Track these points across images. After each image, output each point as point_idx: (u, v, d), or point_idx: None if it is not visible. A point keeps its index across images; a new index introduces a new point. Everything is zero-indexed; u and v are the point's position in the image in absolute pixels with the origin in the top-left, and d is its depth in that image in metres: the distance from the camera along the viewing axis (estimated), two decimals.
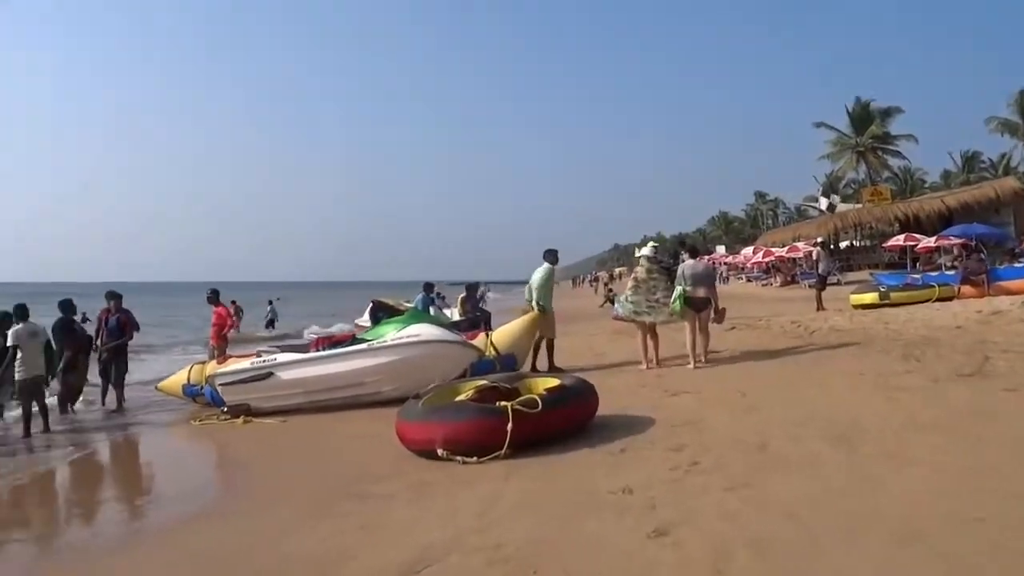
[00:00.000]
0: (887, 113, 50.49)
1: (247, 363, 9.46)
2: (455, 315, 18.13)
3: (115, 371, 11.34)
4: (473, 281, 20.47)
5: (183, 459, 8.20)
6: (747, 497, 4.31)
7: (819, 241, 28.14)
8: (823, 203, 44.32)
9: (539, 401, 6.03)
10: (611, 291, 32.38)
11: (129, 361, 11.91)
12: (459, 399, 6.48)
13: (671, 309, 9.88)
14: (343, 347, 9.33)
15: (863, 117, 50.43)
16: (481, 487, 5.08)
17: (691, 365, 9.76)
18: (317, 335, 11.57)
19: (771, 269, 41.85)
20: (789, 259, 39.72)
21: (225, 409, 9.36)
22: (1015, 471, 4.40)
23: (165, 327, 30.54)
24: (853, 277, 30.90)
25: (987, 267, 17.83)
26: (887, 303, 16.54)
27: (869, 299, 17.15)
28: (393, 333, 9.33)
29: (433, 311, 16.62)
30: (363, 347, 9.16)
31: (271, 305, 31.00)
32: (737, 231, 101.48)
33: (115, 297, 11.68)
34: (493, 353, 10.28)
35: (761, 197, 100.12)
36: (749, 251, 51.43)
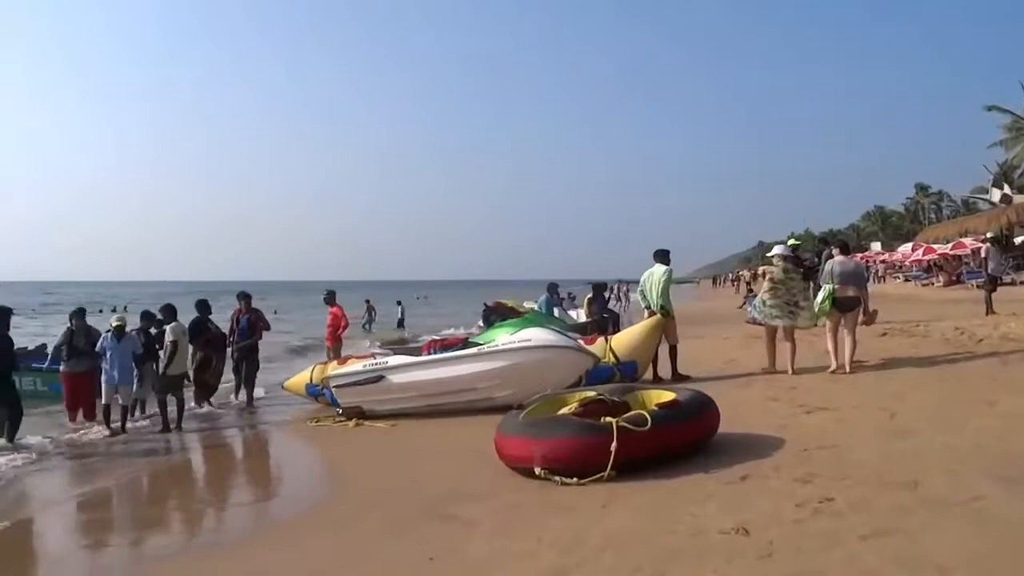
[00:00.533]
0: None
1: (360, 365, 9.39)
2: (581, 316, 17.64)
3: (245, 370, 11.68)
4: (600, 280, 19.85)
5: (281, 464, 8.28)
6: (890, 551, 3.54)
7: (989, 236, 25.28)
8: (995, 195, 40.15)
9: (648, 418, 5.42)
10: (751, 291, 30.75)
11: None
12: (562, 412, 5.97)
13: (820, 310, 9.13)
14: (454, 351, 9.06)
15: None
16: (575, 516, 4.56)
17: (832, 368, 8.98)
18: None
19: (933, 267, 38.42)
20: (953, 257, 36.34)
21: (340, 411, 9.34)
22: None
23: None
24: None
25: None
26: None
27: None
28: (505, 337, 8.97)
29: (558, 312, 16.22)
30: (473, 351, 8.86)
31: (400, 305, 32.48)
32: (895, 227, 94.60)
33: (246, 297, 12.04)
34: (612, 360, 9.73)
35: (923, 190, 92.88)
36: (908, 248, 47.54)
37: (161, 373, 9.79)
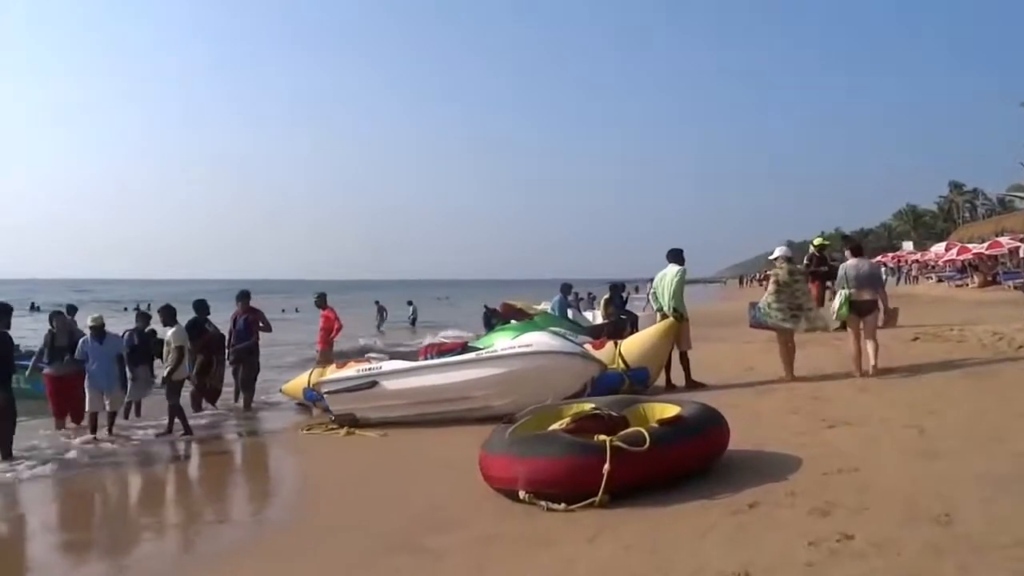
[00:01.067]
0: None
1: (353, 371, 8.90)
2: (598, 318, 17.03)
3: (243, 373, 11.27)
4: (618, 280, 19.23)
5: (254, 480, 7.78)
6: None
7: None
8: None
9: (647, 436, 4.87)
10: None
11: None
12: (553, 428, 5.41)
13: (838, 315, 8.76)
14: (448, 357, 8.54)
15: None
16: (557, 549, 4.03)
17: (858, 375, 8.56)
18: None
19: (967, 268, 37.15)
20: (989, 256, 35.07)
21: (333, 418, 8.89)
22: None
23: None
24: None
25: None
26: None
27: None
28: (505, 342, 8.44)
29: (572, 314, 15.64)
30: (470, 357, 8.33)
31: (412, 305, 32.18)
32: (928, 226, 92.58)
33: (243, 297, 11.61)
34: (621, 366, 9.16)
35: (957, 188, 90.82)
36: (941, 248, 46.15)
37: (167, 377, 9.32)
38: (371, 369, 8.73)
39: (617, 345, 9.49)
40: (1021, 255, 34.53)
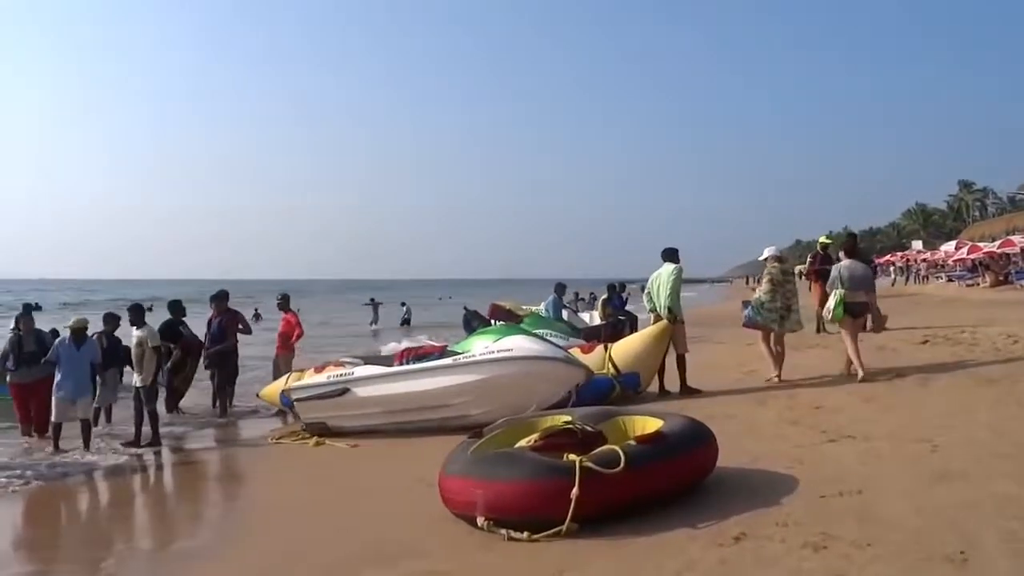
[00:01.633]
0: None
1: (323, 376, 8.36)
2: (595, 319, 16.46)
3: (218, 378, 10.75)
4: (617, 280, 18.64)
5: (206, 498, 7.08)
6: None
7: None
8: None
9: (622, 456, 4.31)
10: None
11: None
12: (520, 445, 4.85)
13: (833, 316, 8.59)
14: (425, 361, 7.98)
15: None
16: None
17: (860, 377, 8.25)
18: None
19: (978, 267, 36.39)
20: (1001, 255, 34.32)
21: (303, 427, 8.37)
22: None
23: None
24: None
25: None
26: None
27: None
28: (485, 346, 7.88)
29: (566, 315, 15.08)
30: (446, 363, 7.76)
31: (405, 305, 31.93)
32: (937, 224, 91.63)
33: (217, 299, 11.02)
34: (611, 371, 8.63)
35: (967, 186, 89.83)
36: (951, 247, 45.36)
37: (149, 384, 8.72)
38: (342, 375, 8.18)
39: (607, 349, 8.96)
40: None
